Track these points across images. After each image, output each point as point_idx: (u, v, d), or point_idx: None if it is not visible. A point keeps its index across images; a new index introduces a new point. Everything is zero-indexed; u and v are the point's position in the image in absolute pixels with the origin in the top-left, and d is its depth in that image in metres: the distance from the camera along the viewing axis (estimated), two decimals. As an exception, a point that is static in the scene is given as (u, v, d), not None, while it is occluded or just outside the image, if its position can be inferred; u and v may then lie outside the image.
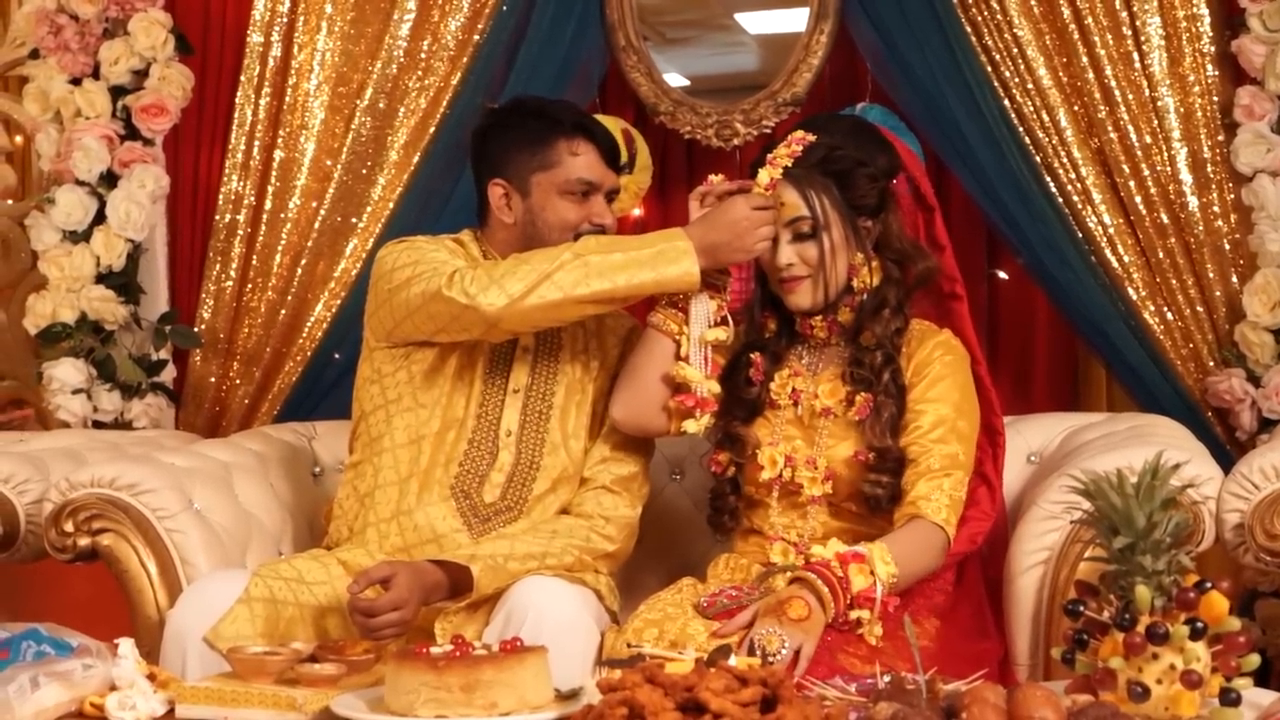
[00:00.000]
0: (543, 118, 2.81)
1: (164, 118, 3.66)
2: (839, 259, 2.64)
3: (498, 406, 2.77)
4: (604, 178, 2.79)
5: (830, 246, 2.63)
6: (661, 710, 1.67)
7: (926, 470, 2.57)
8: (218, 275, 3.72)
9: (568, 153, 2.77)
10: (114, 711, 2.08)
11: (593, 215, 2.77)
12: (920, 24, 3.35)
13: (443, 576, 2.56)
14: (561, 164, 2.77)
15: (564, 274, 2.57)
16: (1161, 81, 3.26)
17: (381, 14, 3.63)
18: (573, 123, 2.79)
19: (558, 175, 2.77)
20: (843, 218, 2.64)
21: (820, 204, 2.62)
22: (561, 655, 2.20)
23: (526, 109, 2.86)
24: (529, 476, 2.76)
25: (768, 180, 2.64)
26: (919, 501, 2.55)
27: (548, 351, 2.82)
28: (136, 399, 3.66)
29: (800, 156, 2.64)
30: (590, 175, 2.77)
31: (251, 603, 2.54)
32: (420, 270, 2.66)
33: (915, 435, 2.61)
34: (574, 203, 2.77)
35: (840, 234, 2.64)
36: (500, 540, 2.67)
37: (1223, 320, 3.26)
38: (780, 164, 2.65)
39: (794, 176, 2.63)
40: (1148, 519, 1.92)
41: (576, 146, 2.77)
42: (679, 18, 3.70)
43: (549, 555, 2.65)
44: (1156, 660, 1.87)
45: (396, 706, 1.95)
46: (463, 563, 2.56)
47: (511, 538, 2.68)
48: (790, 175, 2.64)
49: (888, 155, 2.70)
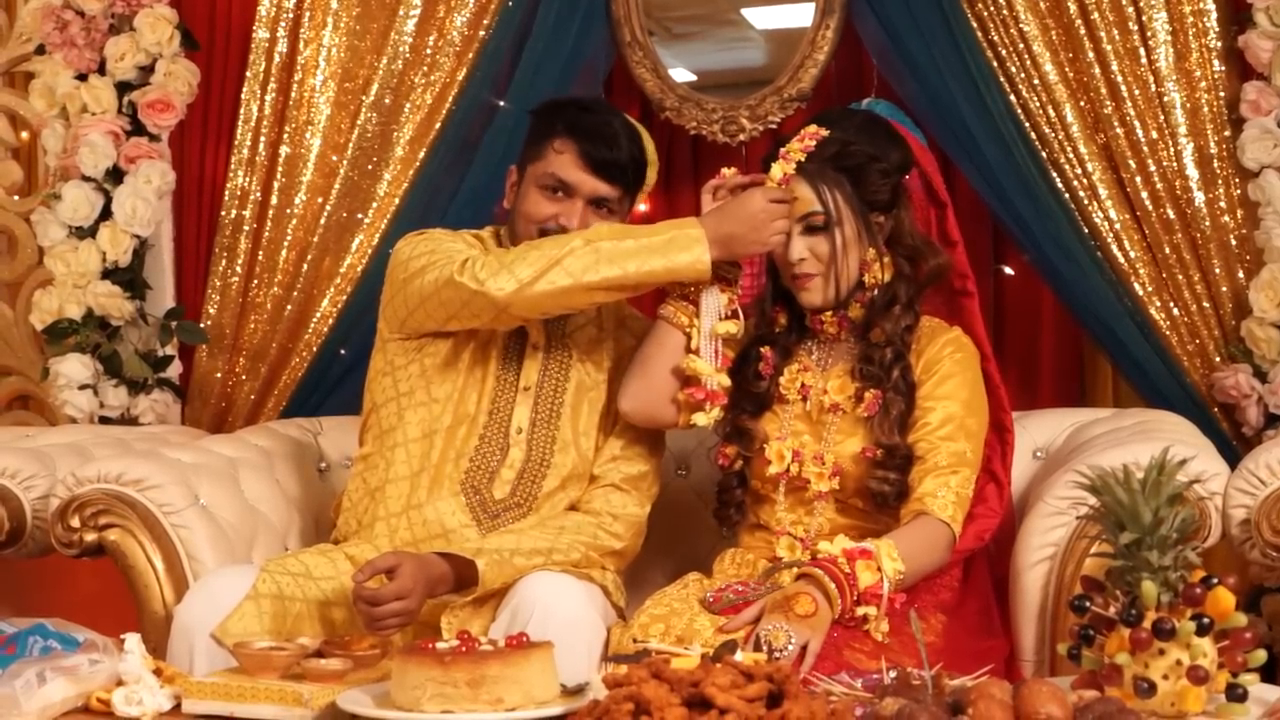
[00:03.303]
0: (556, 113, 2.82)
1: (170, 113, 3.66)
2: (851, 255, 2.64)
3: (509, 403, 2.77)
4: (580, 182, 2.76)
5: (842, 242, 2.62)
6: (667, 705, 1.67)
7: (934, 467, 2.57)
8: (224, 271, 3.72)
9: (552, 149, 2.77)
10: (120, 706, 2.08)
11: (560, 216, 2.75)
12: (926, 19, 3.35)
13: (448, 569, 2.56)
14: (544, 157, 2.78)
15: (574, 260, 2.57)
16: (1168, 77, 3.26)
17: (387, 10, 3.63)
18: (569, 122, 2.78)
19: (539, 167, 2.78)
20: (855, 213, 2.64)
21: (833, 199, 2.62)
22: (567, 651, 2.20)
23: (558, 105, 2.89)
24: (539, 473, 2.76)
25: (780, 175, 2.64)
26: (926, 498, 2.55)
27: (559, 349, 2.82)
28: (143, 395, 3.67)
29: (813, 151, 2.64)
30: (563, 174, 2.75)
31: (259, 599, 2.54)
32: (435, 259, 2.68)
33: (923, 432, 2.61)
34: (545, 198, 2.77)
35: (853, 229, 2.64)
36: (507, 535, 2.67)
37: (1229, 316, 3.26)
38: (793, 158, 2.64)
39: (807, 171, 2.63)
40: (1154, 514, 1.92)
41: (562, 144, 2.76)
42: (684, 13, 3.70)
43: (555, 551, 2.66)
44: (1163, 656, 1.87)
45: (402, 701, 1.95)
46: (469, 556, 2.56)
47: (519, 533, 2.68)
48: (803, 170, 2.63)
49: (900, 150, 2.70)
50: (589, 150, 2.76)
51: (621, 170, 2.78)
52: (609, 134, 2.78)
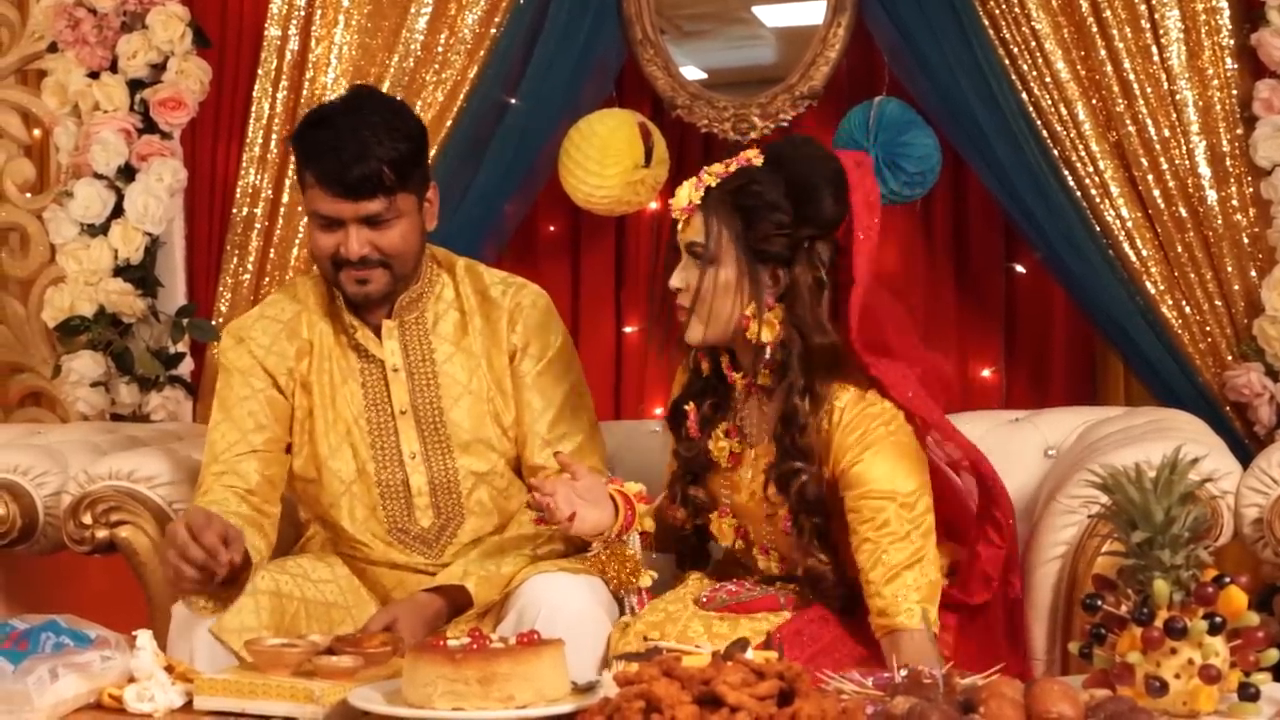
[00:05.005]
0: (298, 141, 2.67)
1: (182, 111, 3.67)
2: (724, 299, 2.42)
3: (393, 437, 2.71)
4: (337, 211, 2.57)
5: (714, 282, 2.42)
6: (678, 703, 1.67)
7: (887, 570, 2.35)
8: (235, 268, 3.73)
9: (306, 183, 2.63)
10: (132, 703, 2.08)
11: (340, 247, 2.59)
12: (938, 17, 3.35)
13: (441, 602, 2.56)
14: (306, 193, 2.64)
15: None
16: (1180, 75, 3.25)
17: (399, 7, 3.63)
18: (304, 150, 2.63)
19: (306, 204, 2.65)
20: (740, 258, 2.42)
21: (718, 236, 2.42)
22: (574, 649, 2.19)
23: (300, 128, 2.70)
24: (451, 483, 2.71)
25: (686, 202, 2.45)
26: (890, 613, 2.33)
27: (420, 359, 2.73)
28: (154, 392, 3.67)
29: (726, 178, 2.45)
30: (319, 208, 2.59)
31: (258, 595, 2.52)
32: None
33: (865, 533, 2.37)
34: (322, 232, 2.62)
35: (732, 273, 2.42)
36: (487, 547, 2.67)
37: (1241, 315, 3.25)
38: (705, 182, 2.45)
39: (708, 199, 2.44)
40: (1166, 514, 1.91)
41: (309, 176, 2.61)
42: (696, 11, 3.69)
43: (539, 536, 2.64)
44: (1174, 655, 1.86)
45: (413, 699, 1.95)
46: (456, 583, 2.56)
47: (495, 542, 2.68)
48: (707, 196, 2.44)
49: (820, 208, 2.41)
50: (325, 175, 2.56)
51: (368, 181, 2.55)
52: (338, 147, 2.55)
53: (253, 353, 2.72)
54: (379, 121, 2.58)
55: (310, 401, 2.72)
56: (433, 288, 2.74)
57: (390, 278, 2.64)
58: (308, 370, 2.72)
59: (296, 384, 2.72)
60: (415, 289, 2.71)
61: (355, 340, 2.71)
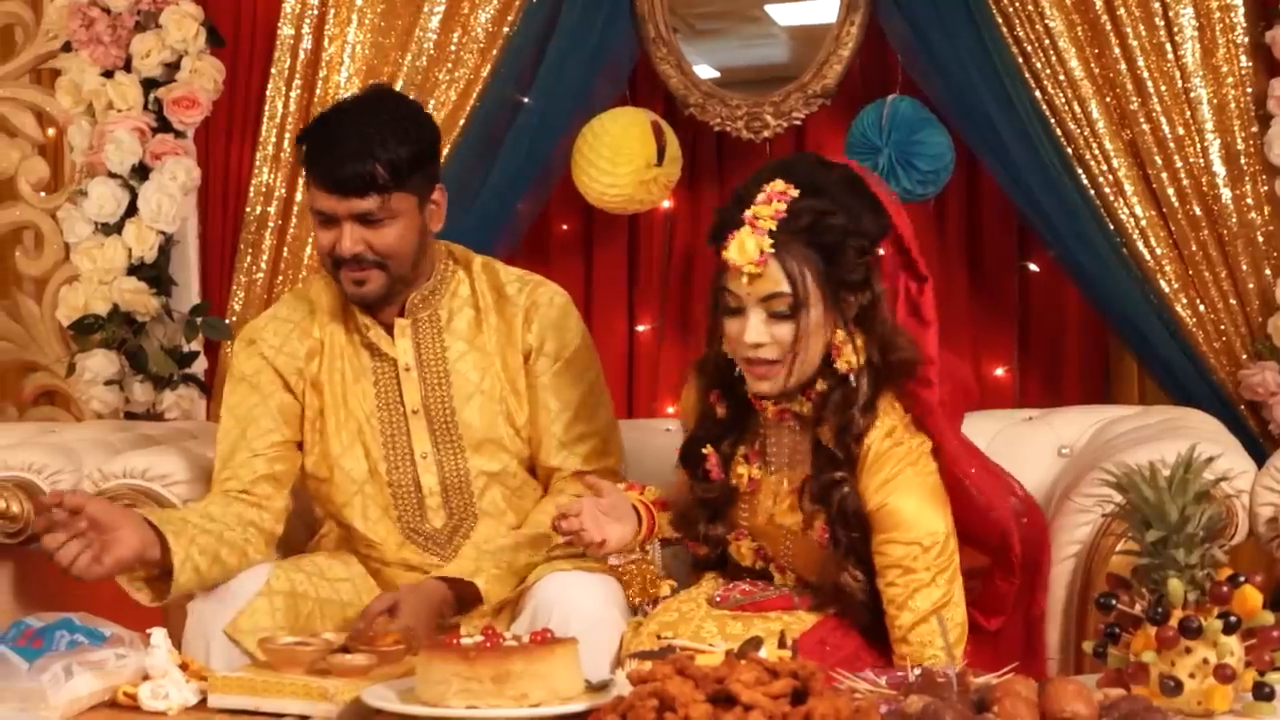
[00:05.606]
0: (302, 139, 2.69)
1: (195, 110, 3.68)
2: (815, 341, 2.32)
3: (404, 436, 2.70)
4: (332, 207, 2.57)
5: (808, 327, 2.30)
6: (692, 702, 1.67)
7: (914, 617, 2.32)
8: (249, 267, 3.74)
9: (308, 180, 2.66)
10: (147, 701, 2.09)
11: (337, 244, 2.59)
12: (951, 15, 3.34)
13: (449, 593, 2.53)
14: (309, 190, 2.66)
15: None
16: (1194, 73, 3.24)
17: (412, 6, 3.63)
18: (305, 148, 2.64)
19: (308, 201, 2.69)
20: (825, 295, 2.30)
21: (803, 279, 2.27)
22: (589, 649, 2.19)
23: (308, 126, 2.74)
24: (463, 484, 2.71)
25: (758, 254, 2.26)
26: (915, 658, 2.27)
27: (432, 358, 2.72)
28: (168, 390, 3.68)
29: (785, 219, 2.27)
30: (318, 205, 2.60)
31: (272, 595, 2.53)
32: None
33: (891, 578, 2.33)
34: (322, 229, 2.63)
35: (820, 313, 2.30)
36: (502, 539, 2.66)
37: (1256, 313, 3.24)
38: (763, 227, 2.26)
39: (778, 245, 2.26)
40: (1180, 512, 1.91)
41: (309, 174, 2.64)
42: (709, 9, 3.69)
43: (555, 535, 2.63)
44: (1189, 654, 1.86)
45: (427, 697, 1.95)
46: (467, 578, 2.55)
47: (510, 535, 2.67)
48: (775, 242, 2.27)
49: (877, 218, 2.35)
50: (321, 173, 2.57)
51: (359, 178, 2.54)
52: (334, 144, 2.57)
53: (263, 354, 2.73)
54: (387, 121, 2.58)
55: (321, 401, 2.72)
56: (447, 285, 2.74)
57: (387, 278, 2.63)
58: (318, 370, 2.72)
59: (306, 384, 2.72)
60: (427, 286, 2.71)
61: (368, 339, 2.71)
